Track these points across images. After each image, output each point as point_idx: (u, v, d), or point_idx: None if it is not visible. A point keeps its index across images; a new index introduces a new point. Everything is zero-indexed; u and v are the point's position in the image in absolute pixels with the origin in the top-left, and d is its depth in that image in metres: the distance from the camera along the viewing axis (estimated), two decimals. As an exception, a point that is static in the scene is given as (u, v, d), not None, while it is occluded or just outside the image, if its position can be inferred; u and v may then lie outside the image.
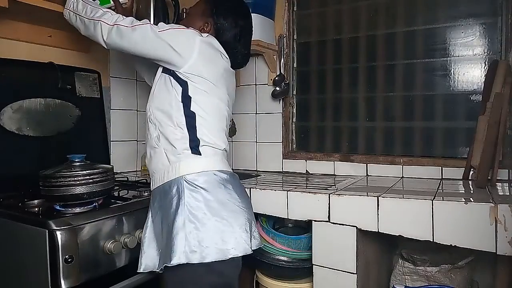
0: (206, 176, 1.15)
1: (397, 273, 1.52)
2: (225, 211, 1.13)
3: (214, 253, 1.07)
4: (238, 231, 1.12)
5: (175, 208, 1.10)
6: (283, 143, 2.07)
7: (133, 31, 1.17)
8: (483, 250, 1.11)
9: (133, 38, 1.18)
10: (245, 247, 1.12)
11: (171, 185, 1.14)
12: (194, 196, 1.11)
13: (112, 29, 1.19)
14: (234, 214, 1.14)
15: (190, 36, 1.18)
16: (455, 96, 1.71)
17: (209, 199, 1.12)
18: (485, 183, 1.42)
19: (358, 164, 1.86)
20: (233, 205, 1.15)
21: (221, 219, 1.11)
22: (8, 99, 1.39)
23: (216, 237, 1.09)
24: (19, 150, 1.41)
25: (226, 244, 1.09)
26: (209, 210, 1.11)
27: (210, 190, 1.13)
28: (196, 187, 1.12)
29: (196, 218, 1.08)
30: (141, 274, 1.19)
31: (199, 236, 1.07)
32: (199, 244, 1.06)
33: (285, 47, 2.04)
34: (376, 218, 1.26)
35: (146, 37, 1.17)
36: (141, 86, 2.02)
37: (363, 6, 1.89)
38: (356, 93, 1.92)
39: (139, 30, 1.18)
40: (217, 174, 1.17)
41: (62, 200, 1.12)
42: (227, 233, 1.10)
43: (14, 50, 1.48)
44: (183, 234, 1.06)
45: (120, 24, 1.18)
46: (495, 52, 1.63)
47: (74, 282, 1.02)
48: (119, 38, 1.19)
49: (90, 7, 1.25)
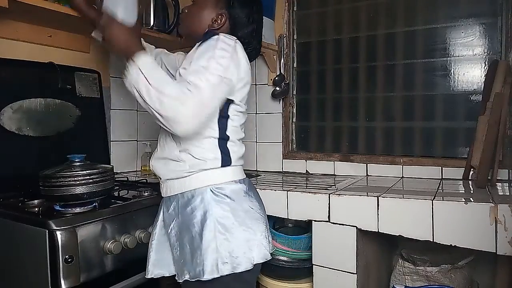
0: (232, 185, 1.11)
1: (397, 273, 1.52)
2: (249, 219, 1.10)
3: (244, 263, 1.05)
4: (260, 238, 1.11)
5: (200, 219, 1.06)
6: (283, 143, 2.07)
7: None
8: (483, 250, 1.11)
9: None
10: (265, 253, 1.11)
11: (194, 194, 1.09)
12: (221, 206, 1.07)
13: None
14: (256, 222, 1.12)
15: (242, 64, 1.10)
16: (455, 96, 1.71)
17: (235, 208, 1.09)
18: (485, 183, 1.42)
19: (358, 164, 1.87)
20: (255, 213, 1.13)
21: (247, 228, 1.09)
22: (8, 99, 1.39)
23: (244, 246, 1.07)
24: (19, 150, 1.41)
25: (252, 252, 1.08)
26: (236, 219, 1.08)
27: (235, 199, 1.10)
28: (223, 196, 1.09)
29: (225, 228, 1.06)
30: (141, 274, 1.19)
31: (230, 247, 1.05)
32: (230, 255, 1.04)
33: (285, 47, 2.04)
34: (376, 218, 1.26)
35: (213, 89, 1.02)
36: (141, 86, 2.02)
37: (363, 6, 1.88)
38: (356, 93, 1.92)
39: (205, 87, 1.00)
40: (241, 183, 1.14)
41: (62, 200, 1.12)
42: (252, 241, 1.09)
43: (14, 50, 1.48)
44: (214, 246, 1.03)
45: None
46: (495, 52, 1.63)
47: (74, 282, 1.02)
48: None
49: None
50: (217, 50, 1.04)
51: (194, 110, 0.96)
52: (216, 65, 1.01)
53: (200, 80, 0.98)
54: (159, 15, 1.84)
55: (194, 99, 0.96)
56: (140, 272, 1.20)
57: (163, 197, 1.18)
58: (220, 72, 1.01)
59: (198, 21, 1.18)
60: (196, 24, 1.19)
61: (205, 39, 1.09)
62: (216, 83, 1.00)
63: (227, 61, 1.03)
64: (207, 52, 1.04)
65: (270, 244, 1.16)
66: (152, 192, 1.33)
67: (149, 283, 1.21)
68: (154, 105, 0.95)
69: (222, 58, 1.03)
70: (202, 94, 0.97)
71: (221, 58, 1.03)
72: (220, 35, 1.08)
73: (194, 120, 0.97)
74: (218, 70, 1.01)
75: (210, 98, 0.99)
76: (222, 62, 1.02)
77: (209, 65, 1.01)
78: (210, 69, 1.00)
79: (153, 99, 0.95)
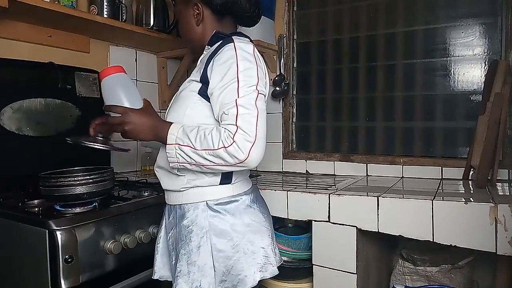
0: (232, 200, 1.06)
1: (397, 273, 1.52)
2: (251, 233, 1.05)
3: (247, 281, 1.02)
4: (264, 253, 1.06)
5: (197, 235, 1.01)
6: (283, 143, 2.07)
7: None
8: (483, 250, 1.11)
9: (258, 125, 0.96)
10: (272, 270, 1.07)
11: (190, 208, 1.04)
12: (219, 221, 1.02)
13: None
14: (260, 236, 1.07)
15: (264, 69, 1.05)
16: (455, 96, 1.71)
17: (235, 223, 1.03)
18: (485, 183, 1.42)
19: (358, 164, 1.86)
20: (259, 226, 1.08)
21: (248, 243, 1.04)
22: (8, 99, 1.39)
23: (244, 263, 1.02)
24: (19, 150, 1.41)
25: (252, 268, 1.03)
26: (237, 235, 1.03)
27: (235, 214, 1.04)
28: (221, 212, 1.03)
29: (224, 245, 1.01)
30: (141, 275, 1.19)
31: (228, 265, 1.01)
32: (229, 273, 1.01)
33: (285, 47, 2.04)
34: (376, 218, 1.26)
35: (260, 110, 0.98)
36: (141, 86, 2.02)
37: (363, 6, 1.88)
38: (356, 93, 1.92)
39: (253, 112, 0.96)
40: (243, 197, 1.08)
41: (62, 200, 1.12)
42: (255, 257, 1.04)
43: (14, 50, 1.48)
44: (211, 264, 1.00)
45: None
46: (495, 52, 1.63)
47: (74, 282, 1.01)
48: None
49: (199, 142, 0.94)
50: (239, 62, 0.97)
51: (254, 147, 0.92)
52: (246, 82, 0.96)
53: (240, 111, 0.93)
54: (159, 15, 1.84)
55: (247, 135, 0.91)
56: (140, 272, 1.21)
57: (166, 203, 1.16)
58: (253, 87, 0.97)
59: (187, 27, 1.15)
60: (188, 33, 1.15)
61: (217, 47, 1.02)
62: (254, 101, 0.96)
63: (254, 72, 0.98)
64: (230, 70, 0.97)
65: (277, 257, 1.11)
66: (152, 192, 1.33)
67: (149, 283, 1.21)
68: (215, 164, 0.93)
69: (249, 70, 0.98)
70: (250, 122, 0.93)
71: (249, 70, 0.98)
72: (234, 41, 1.01)
73: (256, 154, 0.92)
74: (251, 86, 0.96)
75: (260, 123, 0.96)
76: (250, 73, 0.97)
77: (242, 89, 0.95)
78: (245, 93, 0.95)
79: (209, 159, 0.92)
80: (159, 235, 1.16)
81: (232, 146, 0.90)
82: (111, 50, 1.88)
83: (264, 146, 0.96)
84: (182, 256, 1.03)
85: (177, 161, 0.96)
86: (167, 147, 0.96)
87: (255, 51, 1.03)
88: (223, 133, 0.92)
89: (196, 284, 1.00)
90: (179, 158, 0.95)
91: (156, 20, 1.82)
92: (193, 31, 1.14)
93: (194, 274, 1.01)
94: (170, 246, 1.09)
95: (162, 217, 1.17)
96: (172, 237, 1.09)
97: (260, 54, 1.07)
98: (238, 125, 0.91)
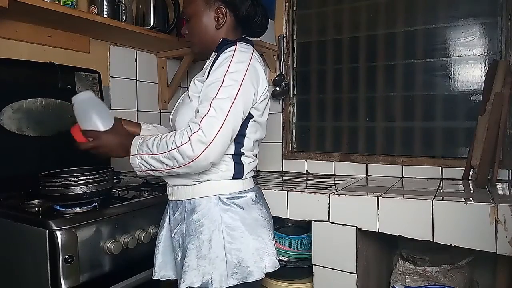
0: (242, 195, 1.09)
1: (397, 273, 1.52)
2: (259, 227, 1.09)
3: (255, 273, 1.04)
4: (270, 247, 1.10)
5: (208, 228, 1.04)
6: (283, 143, 2.07)
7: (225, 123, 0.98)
8: (483, 250, 1.11)
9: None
10: (275, 262, 1.10)
11: (202, 202, 1.06)
12: (230, 214, 1.06)
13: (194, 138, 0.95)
14: (265, 230, 1.11)
15: (261, 75, 1.09)
16: (455, 96, 1.71)
17: (245, 216, 1.07)
18: (485, 183, 1.42)
19: (358, 164, 1.87)
20: (264, 221, 1.11)
21: (257, 237, 1.07)
22: (8, 99, 1.39)
23: (255, 255, 1.05)
24: (19, 150, 1.41)
25: (263, 261, 1.06)
26: (247, 228, 1.06)
27: (245, 208, 1.08)
28: (232, 205, 1.07)
29: (235, 237, 1.04)
30: (141, 275, 1.19)
31: (240, 257, 1.03)
32: (240, 265, 1.03)
33: (285, 47, 2.04)
34: (376, 218, 1.26)
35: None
36: (141, 86, 2.02)
37: (363, 6, 1.89)
38: (356, 93, 1.92)
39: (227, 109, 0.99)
40: (250, 193, 1.12)
41: (62, 200, 1.12)
42: (262, 250, 1.07)
43: (14, 50, 1.48)
44: (223, 256, 1.02)
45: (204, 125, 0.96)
46: (495, 52, 1.63)
47: (74, 282, 1.01)
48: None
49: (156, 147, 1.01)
50: (232, 64, 1.01)
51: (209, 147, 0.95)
52: (229, 82, 0.99)
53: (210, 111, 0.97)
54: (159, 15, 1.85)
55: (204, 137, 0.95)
56: (140, 272, 1.20)
57: (170, 200, 1.16)
58: (234, 91, 0.99)
59: (204, 30, 1.13)
60: (203, 35, 1.14)
61: (220, 52, 1.06)
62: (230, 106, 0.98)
63: (241, 76, 1.01)
64: (220, 68, 1.01)
65: (276, 251, 1.14)
66: (152, 192, 1.33)
67: (149, 283, 1.21)
68: (170, 167, 0.98)
69: (237, 73, 1.01)
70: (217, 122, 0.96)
71: (236, 74, 1.01)
72: (237, 44, 1.05)
73: (207, 158, 0.96)
74: (233, 88, 0.99)
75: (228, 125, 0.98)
76: (236, 78, 1.00)
77: (221, 89, 0.98)
78: (223, 93, 0.98)
79: (165, 162, 0.98)
80: (160, 233, 1.16)
81: (186, 145, 0.94)
82: (111, 50, 1.88)
83: (221, 153, 0.99)
84: (190, 251, 1.04)
85: (141, 170, 1.03)
86: (130, 158, 1.04)
87: (253, 55, 1.06)
88: (182, 131, 0.97)
89: (207, 277, 1.01)
90: (141, 166, 1.02)
91: (156, 20, 1.82)
92: (208, 34, 1.14)
93: (205, 267, 1.02)
94: (175, 243, 1.10)
95: (163, 216, 1.18)
96: (178, 233, 1.09)
97: (260, 54, 1.08)
98: (200, 126, 0.95)
